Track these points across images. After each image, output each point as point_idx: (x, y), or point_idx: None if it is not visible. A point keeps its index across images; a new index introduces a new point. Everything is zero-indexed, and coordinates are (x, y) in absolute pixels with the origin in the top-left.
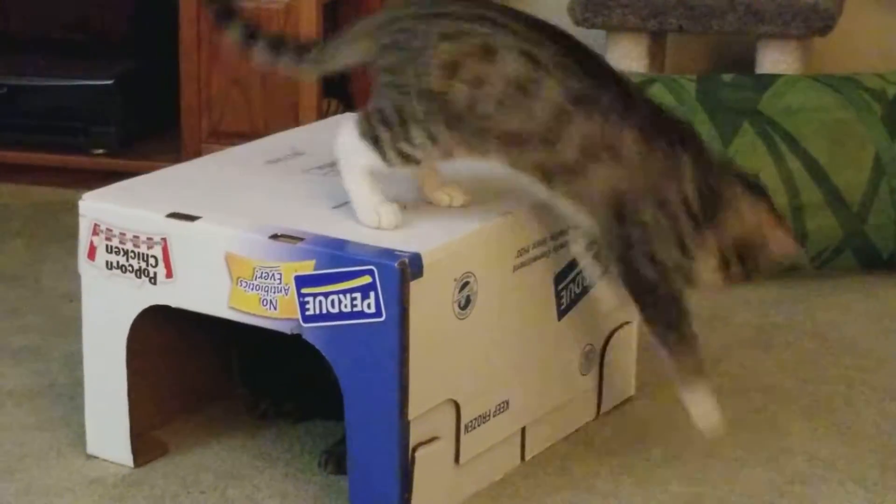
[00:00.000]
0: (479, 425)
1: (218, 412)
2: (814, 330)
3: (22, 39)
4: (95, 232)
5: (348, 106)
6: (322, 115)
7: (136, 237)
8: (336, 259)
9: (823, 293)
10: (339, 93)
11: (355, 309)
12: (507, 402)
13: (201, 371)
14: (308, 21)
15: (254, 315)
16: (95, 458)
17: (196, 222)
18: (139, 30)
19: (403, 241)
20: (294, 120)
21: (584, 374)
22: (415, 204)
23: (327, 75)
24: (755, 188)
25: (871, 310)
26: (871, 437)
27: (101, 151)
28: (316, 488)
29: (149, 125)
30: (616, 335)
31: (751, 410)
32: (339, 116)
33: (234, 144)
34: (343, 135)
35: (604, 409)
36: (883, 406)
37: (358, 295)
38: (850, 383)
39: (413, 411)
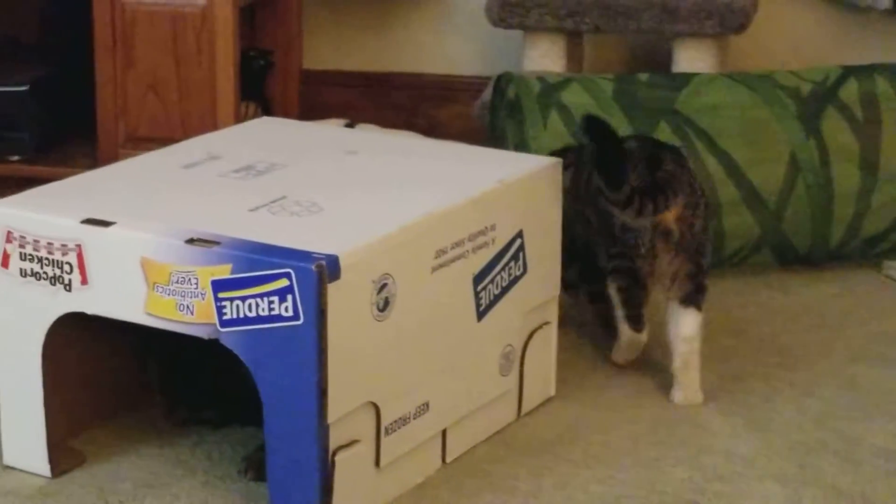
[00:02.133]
0: (399, 428)
1: (135, 420)
2: (732, 327)
3: None
4: (9, 239)
5: (266, 109)
6: (240, 118)
7: (51, 244)
8: (253, 262)
9: (741, 290)
10: (256, 96)
11: (273, 312)
12: (428, 404)
13: (118, 378)
14: (224, 25)
15: (170, 320)
16: (11, 468)
17: (111, 228)
18: (53, 34)
19: (321, 243)
20: (212, 124)
21: (504, 375)
22: (331, 204)
23: None
24: None
25: (788, 306)
26: (789, 434)
27: (16, 158)
28: (236, 496)
29: (65, 131)
30: (536, 336)
31: (669, 408)
32: (256, 120)
33: (150, 150)
34: (692, 325)
35: (524, 410)
36: (801, 402)
37: (275, 298)
38: (768, 380)
39: (332, 415)
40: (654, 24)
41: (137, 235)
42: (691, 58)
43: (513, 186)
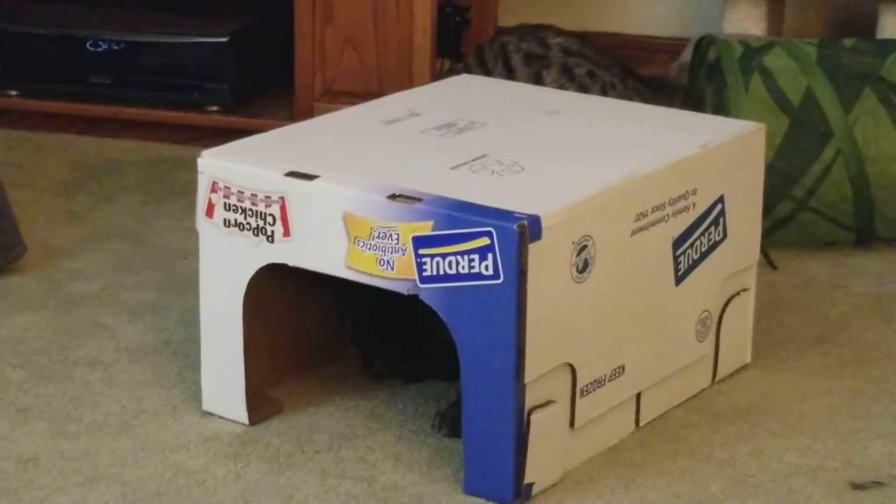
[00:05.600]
0: (594, 390)
1: (331, 371)
2: None
3: None
4: (214, 189)
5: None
6: (435, 74)
7: (255, 195)
8: (454, 220)
9: None
10: (452, 52)
11: (473, 270)
12: (623, 367)
13: (315, 330)
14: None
15: (370, 275)
16: (210, 415)
17: (315, 181)
18: None
19: (522, 202)
20: (407, 80)
21: (700, 341)
22: (532, 164)
23: None
24: None
25: None
26: None
27: (214, 108)
28: (430, 451)
29: (262, 83)
30: (733, 302)
31: (870, 381)
32: (456, 77)
33: (346, 104)
34: None
35: (719, 376)
36: None
37: (476, 256)
38: None
39: (529, 374)
40: None
41: (340, 190)
42: None
43: (715, 151)
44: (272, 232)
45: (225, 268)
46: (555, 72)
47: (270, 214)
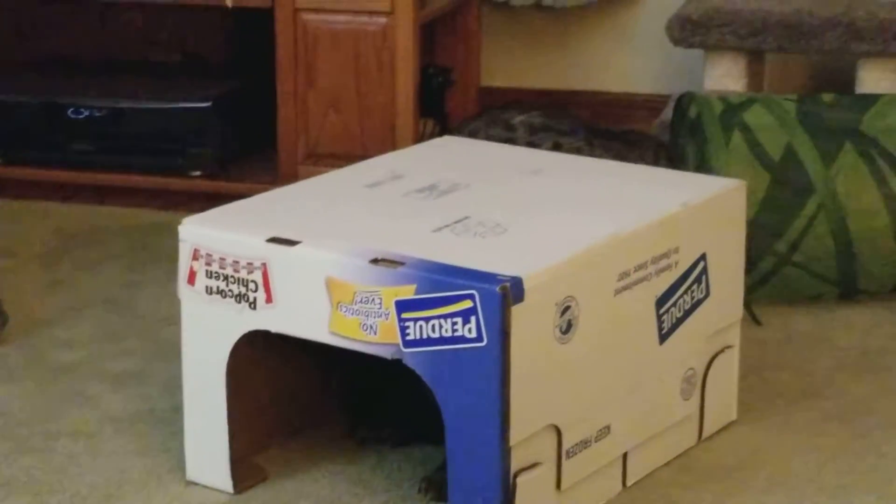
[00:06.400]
0: (580, 451)
1: (316, 438)
2: None
3: (121, 62)
4: (195, 257)
5: (444, 126)
6: (418, 135)
7: (237, 262)
8: (437, 283)
9: None
10: (435, 113)
11: (456, 334)
12: (609, 428)
13: (300, 396)
14: (405, 43)
15: (354, 340)
16: (195, 484)
17: (296, 247)
18: (237, 52)
19: (505, 264)
20: (391, 141)
21: (685, 399)
22: (514, 225)
23: None
24: None
25: None
26: None
27: (198, 173)
28: None
29: (245, 147)
30: (718, 359)
31: (856, 436)
32: (438, 139)
33: (330, 166)
34: None
35: (705, 434)
36: None
37: (459, 319)
38: None
39: (514, 437)
40: (839, 43)
41: (322, 255)
42: (876, 78)
43: (697, 209)
44: (254, 298)
45: (207, 335)
46: None
47: (252, 281)
